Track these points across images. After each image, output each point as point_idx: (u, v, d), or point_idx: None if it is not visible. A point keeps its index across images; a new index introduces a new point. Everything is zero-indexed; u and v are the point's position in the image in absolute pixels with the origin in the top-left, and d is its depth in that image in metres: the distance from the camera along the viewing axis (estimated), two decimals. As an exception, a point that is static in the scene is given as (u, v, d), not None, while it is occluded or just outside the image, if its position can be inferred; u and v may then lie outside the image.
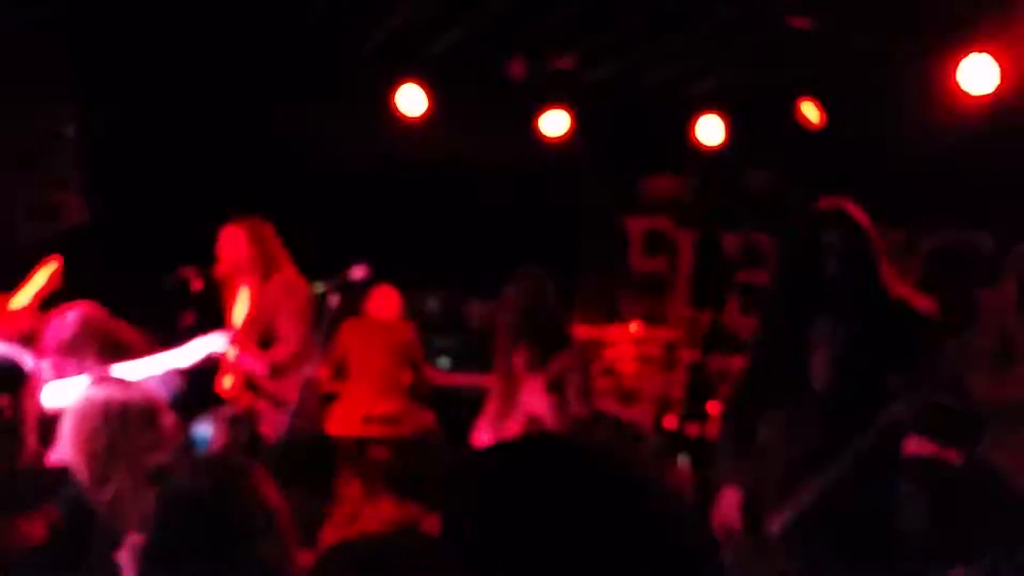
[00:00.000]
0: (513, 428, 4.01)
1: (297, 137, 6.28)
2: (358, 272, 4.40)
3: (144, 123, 5.59)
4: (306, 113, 6.10)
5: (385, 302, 6.22)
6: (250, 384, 4.58)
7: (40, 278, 3.97)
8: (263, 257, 4.57)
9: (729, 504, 2.96)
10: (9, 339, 3.50)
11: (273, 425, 4.46)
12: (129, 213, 5.70)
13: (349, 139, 6.36)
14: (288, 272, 4.64)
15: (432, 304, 7.13)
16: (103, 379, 2.89)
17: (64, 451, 2.62)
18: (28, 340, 3.80)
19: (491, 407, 4.24)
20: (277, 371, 4.49)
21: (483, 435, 4.19)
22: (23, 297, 3.92)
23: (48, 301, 3.99)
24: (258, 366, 4.40)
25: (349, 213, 6.68)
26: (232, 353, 4.38)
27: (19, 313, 3.93)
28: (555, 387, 3.91)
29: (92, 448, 2.55)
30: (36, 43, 4.52)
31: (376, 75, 6.11)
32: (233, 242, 4.60)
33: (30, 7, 4.43)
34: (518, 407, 4.06)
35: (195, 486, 2.00)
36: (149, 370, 3.58)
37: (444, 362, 6.93)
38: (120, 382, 2.85)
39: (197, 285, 4.50)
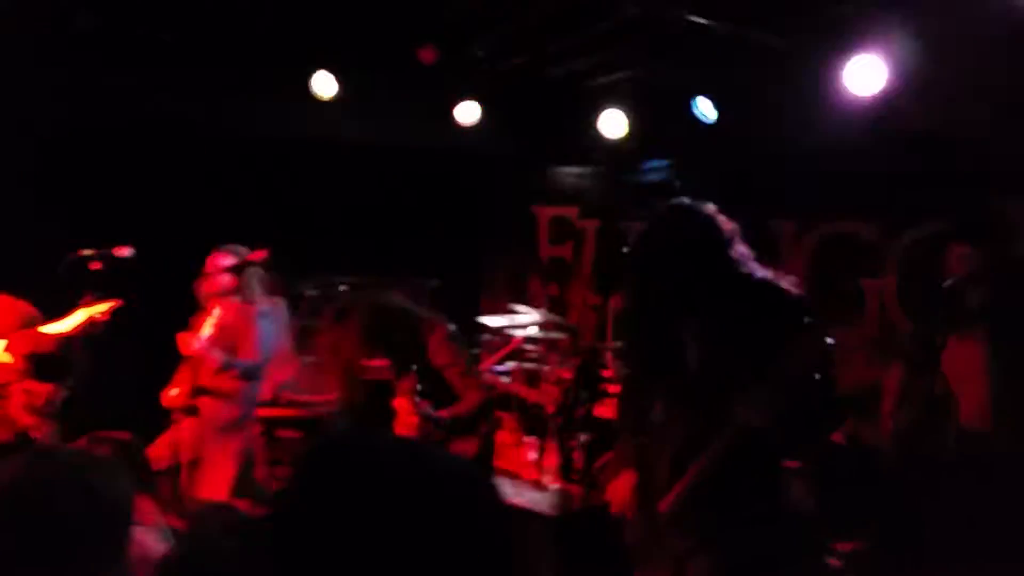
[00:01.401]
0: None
1: (208, 116, 6.21)
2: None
3: (47, 99, 5.44)
4: (219, 92, 6.03)
5: None
6: (198, 390, 4.74)
7: (86, 313, 3.96)
8: (244, 286, 4.83)
9: (623, 487, 3.09)
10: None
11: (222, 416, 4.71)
12: (32, 192, 5.56)
13: (261, 119, 6.32)
14: (262, 300, 4.91)
15: (342, 289, 7.11)
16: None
17: None
18: None
19: None
20: (230, 367, 4.69)
21: None
22: (62, 325, 3.89)
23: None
24: (214, 358, 4.61)
25: (259, 192, 6.63)
26: (195, 344, 4.56)
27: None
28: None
29: None
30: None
31: (292, 58, 6.08)
32: (223, 268, 4.80)
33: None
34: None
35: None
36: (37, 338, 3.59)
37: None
38: None
39: (96, 266, 4.46)
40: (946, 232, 4.71)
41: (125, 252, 4.46)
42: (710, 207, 3.01)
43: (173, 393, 4.82)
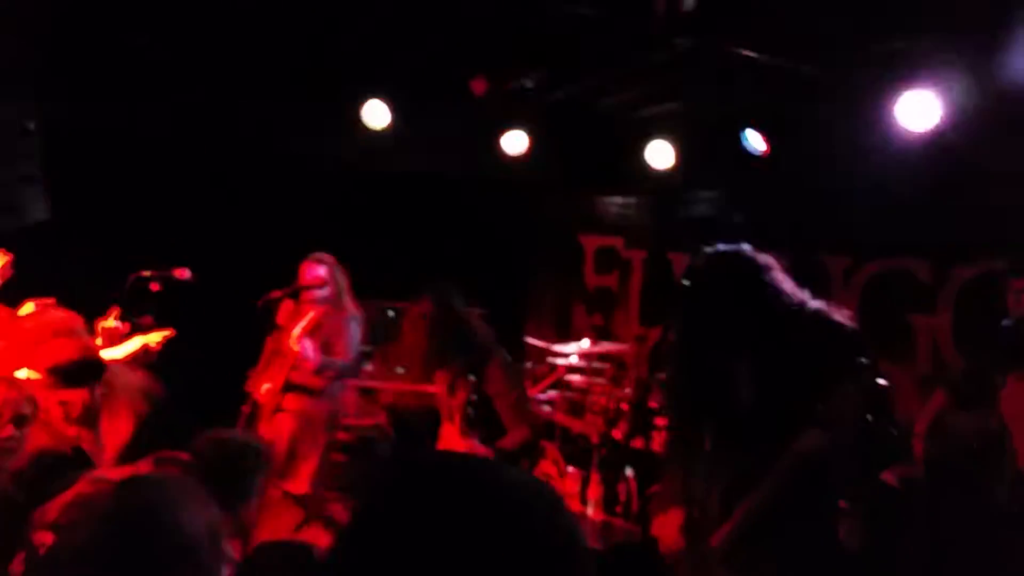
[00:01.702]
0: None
1: (262, 142, 6.31)
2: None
3: (110, 121, 5.58)
4: (272, 119, 6.14)
5: None
6: (289, 386, 4.95)
7: (141, 341, 4.06)
8: (336, 292, 5.15)
9: (671, 524, 3.06)
10: None
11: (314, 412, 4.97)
12: (92, 210, 5.68)
13: (311, 146, 6.41)
14: (350, 306, 5.19)
15: (390, 315, 7.15)
16: None
17: None
18: None
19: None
20: (326, 367, 4.94)
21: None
22: (117, 351, 3.98)
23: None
24: (314, 356, 4.84)
25: (309, 219, 6.71)
26: (293, 342, 4.84)
27: None
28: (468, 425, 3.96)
29: None
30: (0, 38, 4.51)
31: (343, 86, 6.17)
32: (318, 274, 5.11)
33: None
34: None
35: None
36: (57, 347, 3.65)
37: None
38: None
39: (155, 287, 4.55)
40: (1005, 269, 4.63)
41: (185, 274, 4.56)
42: (750, 248, 3.02)
43: (265, 388, 5.03)
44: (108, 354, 3.94)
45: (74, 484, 2.47)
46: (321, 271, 5.11)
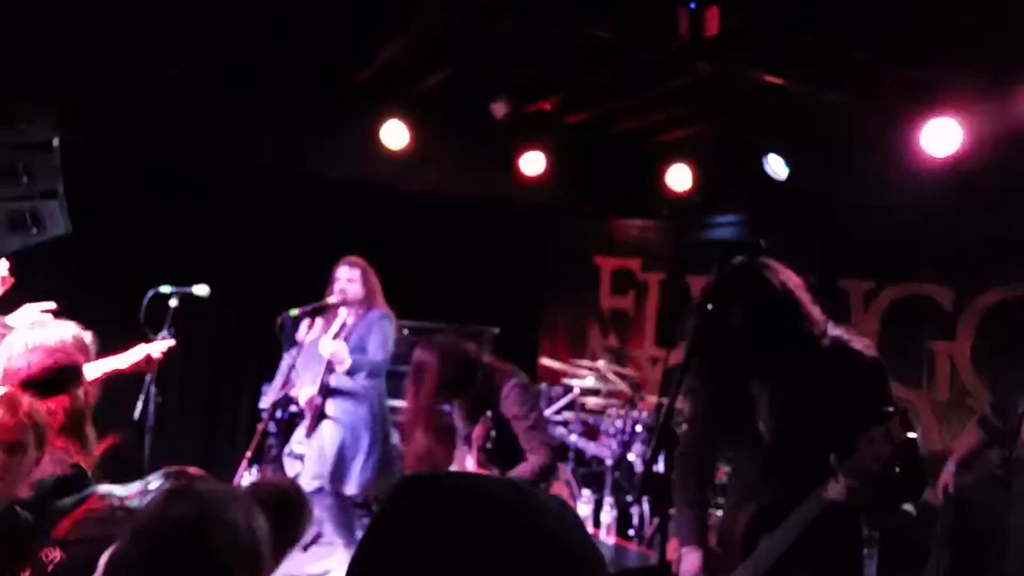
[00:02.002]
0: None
1: (280, 161, 6.36)
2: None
3: (132, 138, 5.64)
4: (290, 138, 6.18)
5: None
6: (328, 391, 5.04)
7: (144, 350, 4.05)
8: (368, 292, 5.20)
9: (691, 564, 2.95)
10: None
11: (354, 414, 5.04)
12: (113, 226, 5.73)
13: (330, 165, 6.45)
14: (382, 306, 5.23)
15: (405, 333, 7.16)
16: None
17: None
18: None
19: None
20: (360, 367, 4.99)
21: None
22: (119, 361, 3.97)
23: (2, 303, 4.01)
24: (347, 358, 4.90)
25: (326, 236, 6.75)
26: (326, 345, 4.90)
27: None
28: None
29: None
30: (25, 56, 4.57)
31: (362, 107, 6.21)
32: (351, 277, 5.17)
33: (21, 22, 4.49)
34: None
35: None
36: (92, 373, 3.64)
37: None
38: None
39: (173, 303, 4.56)
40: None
41: (202, 290, 4.58)
42: (779, 264, 2.95)
43: (304, 392, 5.08)
44: (110, 364, 3.93)
45: (80, 503, 2.46)
46: (353, 273, 5.18)
